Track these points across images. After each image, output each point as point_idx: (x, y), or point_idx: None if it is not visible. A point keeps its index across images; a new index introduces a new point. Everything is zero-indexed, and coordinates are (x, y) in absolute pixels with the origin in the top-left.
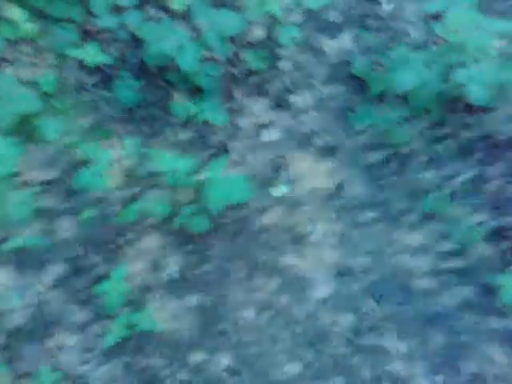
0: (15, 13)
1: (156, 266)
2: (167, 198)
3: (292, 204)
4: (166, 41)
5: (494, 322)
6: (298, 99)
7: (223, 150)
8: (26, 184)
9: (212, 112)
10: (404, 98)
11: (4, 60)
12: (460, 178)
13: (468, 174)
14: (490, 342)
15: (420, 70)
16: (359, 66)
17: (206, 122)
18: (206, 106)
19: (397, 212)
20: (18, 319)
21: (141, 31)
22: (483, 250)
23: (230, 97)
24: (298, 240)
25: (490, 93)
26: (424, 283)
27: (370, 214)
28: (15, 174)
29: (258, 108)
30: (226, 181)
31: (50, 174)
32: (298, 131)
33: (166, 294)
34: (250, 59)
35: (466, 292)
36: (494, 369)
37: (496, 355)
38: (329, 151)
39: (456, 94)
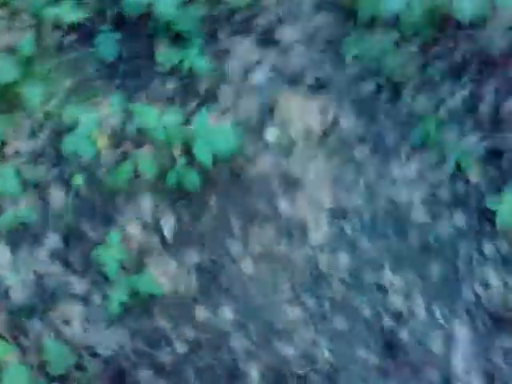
0: None
1: (151, 227)
2: (158, 155)
3: (284, 147)
4: None
5: (489, 247)
6: (285, 34)
7: (211, 97)
8: (12, 155)
9: (197, 58)
10: (394, 22)
11: None
12: (452, 101)
13: (460, 96)
14: (485, 266)
15: None
16: None
17: (191, 70)
18: (190, 52)
19: (389, 144)
20: (17, 296)
21: None
22: (477, 174)
23: (214, 40)
24: (292, 185)
25: (479, 7)
26: (418, 215)
27: (363, 150)
28: (0, 146)
29: (243, 48)
30: (214, 131)
31: (37, 143)
32: (287, 69)
33: (164, 255)
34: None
35: (460, 220)
36: (491, 292)
37: (492, 279)
38: (320, 87)
39: (446, 11)
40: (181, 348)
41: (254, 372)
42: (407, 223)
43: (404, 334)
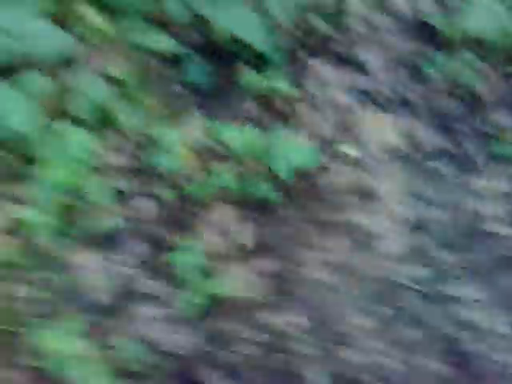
0: (84, 8)
1: (230, 238)
2: (238, 171)
3: (362, 163)
4: (230, 18)
5: None
6: (368, 56)
7: (290, 115)
8: (106, 170)
9: (281, 81)
10: (479, 42)
11: (79, 56)
12: None
13: None
14: None
15: (493, 9)
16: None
17: (275, 91)
18: (275, 75)
19: (468, 159)
20: (104, 298)
21: (205, 11)
22: None
23: (298, 63)
24: (369, 198)
25: None
26: (499, 228)
27: (442, 164)
28: (96, 162)
29: (322, 69)
30: (293, 147)
31: (129, 160)
32: (368, 89)
33: (241, 263)
34: (318, 22)
35: None
36: None
37: None
38: (401, 106)
39: None
40: (251, 351)
41: (320, 378)
42: (487, 235)
43: (479, 347)
